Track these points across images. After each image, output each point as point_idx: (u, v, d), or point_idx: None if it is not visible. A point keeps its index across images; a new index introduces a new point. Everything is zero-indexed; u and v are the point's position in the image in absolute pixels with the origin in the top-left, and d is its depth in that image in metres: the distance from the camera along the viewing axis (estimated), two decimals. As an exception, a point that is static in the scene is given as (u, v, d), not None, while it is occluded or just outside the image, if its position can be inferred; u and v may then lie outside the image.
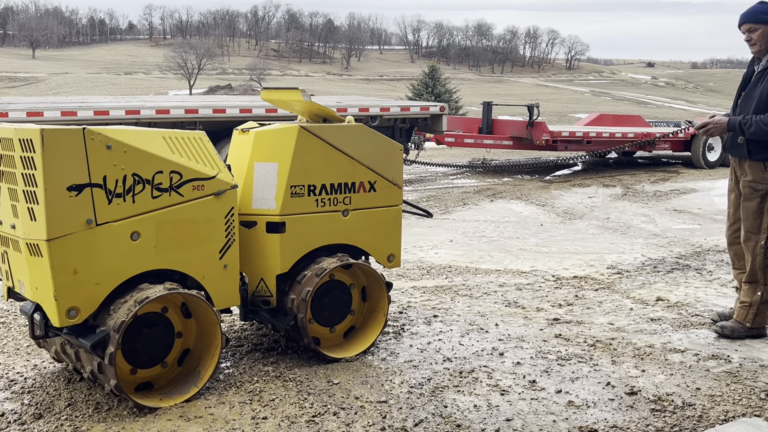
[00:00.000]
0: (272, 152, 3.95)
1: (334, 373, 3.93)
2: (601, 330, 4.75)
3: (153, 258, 3.44)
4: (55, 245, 3.14)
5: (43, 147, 3.06)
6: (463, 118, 16.50)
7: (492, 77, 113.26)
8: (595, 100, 71.68)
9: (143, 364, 3.53)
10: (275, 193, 3.92)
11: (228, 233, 3.70)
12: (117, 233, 3.30)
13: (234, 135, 4.21)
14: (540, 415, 3.46)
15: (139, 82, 76.28)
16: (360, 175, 4.19)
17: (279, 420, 3.36)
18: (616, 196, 11.14)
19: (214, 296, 3.70)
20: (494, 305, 5.31)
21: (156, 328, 3.52)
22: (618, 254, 7.10)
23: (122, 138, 3.29)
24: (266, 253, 3.96)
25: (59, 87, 65.16)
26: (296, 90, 4.07)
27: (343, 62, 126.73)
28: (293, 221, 3.97)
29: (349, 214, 4.18)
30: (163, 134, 3.48)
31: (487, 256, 7.02)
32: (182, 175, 3.48)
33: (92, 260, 3.24)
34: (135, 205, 3.35)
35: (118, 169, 3.28)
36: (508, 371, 4.00)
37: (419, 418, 3.40)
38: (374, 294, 4.35)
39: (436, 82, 30.65)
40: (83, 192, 3.19)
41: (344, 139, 4.10)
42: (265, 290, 4.01)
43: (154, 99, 13.37)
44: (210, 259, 3.65)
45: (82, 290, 3.23)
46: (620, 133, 14.40)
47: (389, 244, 4.42)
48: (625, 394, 3.71)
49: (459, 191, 11.53)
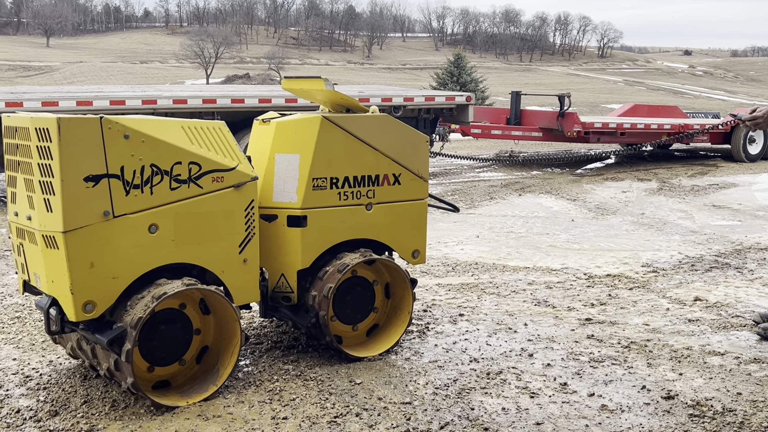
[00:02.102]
0: (294, 143, 3.94)
1: (356, 372, 3.94)
2: (636, 331, 4.71)
3: (171, 252, 3.46)
4: (72, 237, 3.16)
5: (60, 136, 3.08)
6: (490, 108, 16.43)
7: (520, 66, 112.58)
8: (629, 89, 70.95)
9: (161, 361, 3.56)
10: (296, 185, 3.92)
11: (248, 227, 3.71)
12: (135, 226, 3.32)
13: (254, 125, 4.21)
14: (572, 419, 3.44)
15: (154, 71, 76.94)
16: (384, 167, 4.17)
17: (300, 420, 3.37)
18: (652, 191, 11.02)
19: (234, 292, 3.71)
20: (523, 304, 5.28)
21: (174, 324, 3.54)
22: (653, 252, 7.02)
23: (140, 127, 3.31)
24: (287, 247, 3.97)
25: (74, 76, 65.95)
26: (319, 79, 4.06)
27: (365, 50, 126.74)
28: (315, 215, 3.97)
29: (373, 208, 4.17)
30: (182, 124, 3.50)
31: (516, 252, 6.99)
32: (201, 166, 3.49)
33: (109, 253, 3.26)
34: (153, 197, 3.36)
35: (136, 159, 3.29)
36: (538, 373, 3.98)
37: (445, 421, 3.39)
38: (398, 291, 4.35)
39: (462, 71, 30.55)
40: (100, 183, 3.21)
41: (368, 129, 4.08)
42: (286, 286, 4.02)
43: (171, 88, 13.49)
44: (229, 254, 3.67)
45: (98, 284, 3.26)
46: (656, 124, 14.24)
47: (414, 240, 4.40)
48: (661, 399, 3.67)
49: (485, 185, 11.48)
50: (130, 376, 3.28)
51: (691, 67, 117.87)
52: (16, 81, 60.66)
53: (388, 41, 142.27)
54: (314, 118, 3.93)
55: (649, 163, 14.70)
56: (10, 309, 5.07)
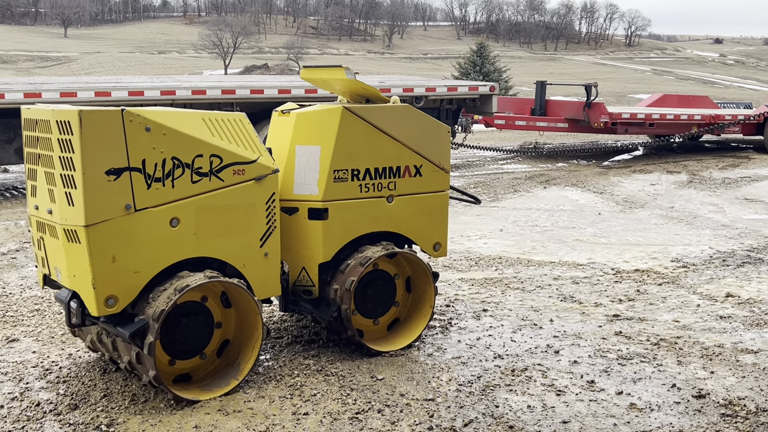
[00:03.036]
0: (314, 135, 3.95)
1: (378, 368, 3.94)
2: (666, 328, 4.66)
3: (193, 245, 3.48)
4: (94, 231, 3.19)
5: (81, 129, 3.10)
6: (514, 98, 16.33)
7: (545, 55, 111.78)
8: (657, 79, 70.21)
9: (182, 355, 3.60)
10: (318, 177, 3.93)
11: (269, 220, 3.73)
12: (156, 219, 3.34)
13: (273, 117, 4.22)
14: (599, 417, 3.42)
15: (172, 61, 77.44)
16: (405, 158, 4.17)
17: (321, 416, 3.38)
18: (681, 184, 10.90)
19: (255, 285, 3.73)
20: (548, 300, 5.25)
21: (195, 317, 3.57)
22: (683, 246, 6.95)
23: (161, 120, 3.33)
24: (308, 240, 3.98)
25: (91, 66, 66.57)
26: (339, 68, 4.05)
27: (385, 40, 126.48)
28: (336, 207, 3.97)
29: (394, 200, 4.17)
30: (203, 116, 3.51)
31: (541, 246, 6.95)
32: (222, 158, 3.51)
33: (131, 247, 3.29)
34: (174, 190, 3.38)
35: (158, 152, 3.31)
36: (565, 370, 3.96)
37: (469, 418, 3.38)
38: (420, 285, 4.34)
39: (485, 60, 30.37)
40: (122, 176, 3.23)
41: (389, 120, 4.08)
42: (307, 280, 4.03)
43: (189, 79, 13.56)
44: (250, 247, 3.69)
45: (120, 278, 3.29)
46: (686, 115, 14.08)
47: (435, 232, 4.40)
48: (692, 397, 3.63)
49: (509, 177, 11.42)
50: (152, 369, 3.31)
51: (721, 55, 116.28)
52: (34, 72, 61.34)
53: (409, 30, 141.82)
54: (335, 109, 3.93)
55: (678, 154, 14.54)
56: (29, 302, 5.13)
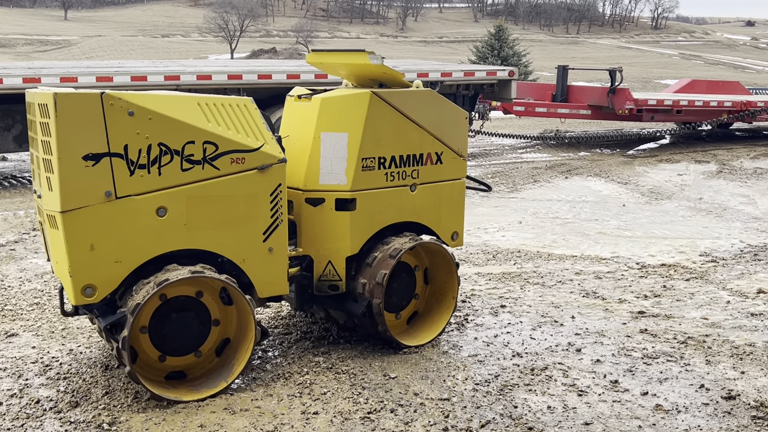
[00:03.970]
0: (341, 121, 3.89)
1: (390, 366, 3.94)
2: (694, 325, 4.63)
3: (183, 237, 3.43)
4: (70, 217, 3.16)
5: (57, 112, 3.08)
6: (534, 84, 16.25)
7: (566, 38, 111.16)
8: (685, 64, 69.67)
9: (173, 351, 3.56)
10: (345, 166, 3.88)
11: (274, 213, 3.66)
12: (140, 208, 3.31)
13: (288, 102, 4.16)
14: (623, 419, 3.40)
15: (176, 45, 77.61)
16: (427, 145, 4.17)
17: (331, 416, 3.39)
18: (710, 174, 10.83)
19: (258, 283, 3.67)
20: (570, 295, 5.23)
21: (187, 313, 3.53)
22: (712, 240, 6.91)
23: (146, 104, 3.27)
24: (335, 233, 3.94)
25: (92, 51, 66.85)
26: (363, 52, 3.98)
27: (399, 22, 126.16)
28: (364, 197, 3.95)
29: (417, 188, 4.17)
30: (199, 100, 3.44)
31: (562, 240, 6.92)
32: (218, 146, 3.44)
33: (111, 236, 3.26)
34: (161, 178, 3.34)
35: (142, 137, 3.27)
36: (587, 369, 3.94)
37: (486, 419, 3.38)
38: (440, 275, 4.35)
39: (503, 43, 30.25)
40: (101, 162, 3.20)
41: (413, 105, 4.07)
42: (333, 274, 4.00)
43: (194, 63, 13.56)
44: (251, 241, 3.62)
45: (99, 267, 3.26)
46: (715, 101, 13.98)
47: (454, 221, 4.42)
48: (721, 399, 3.61)
49: (529, 167, 11.38)
50: (128, 364, 3.28)
51: (753, 39, 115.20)
52: (33, 56, 61.68)
53: (423, 12, 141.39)
54: (363, 94, 3.89)
55: (707, 143, 14.44)
56: (28, 295, 5.17)
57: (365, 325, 4.09)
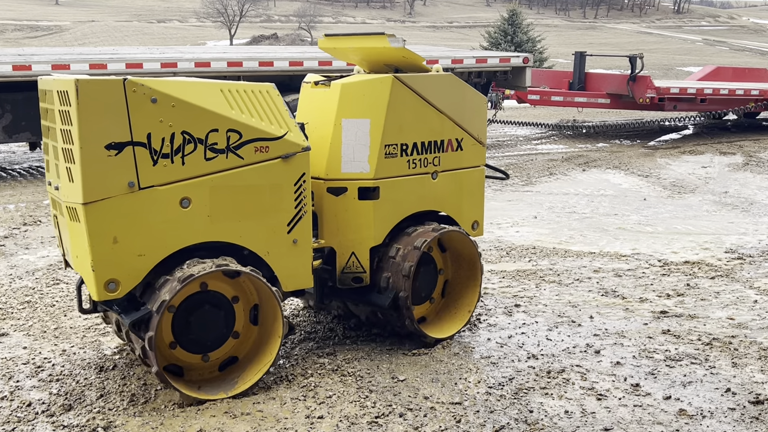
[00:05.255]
0: (363, 107, 3.94)
1: (399, 368, 3.94)
2: (719, 326, 4.62)
3: (206, 228, 3.46)
4: (92, 209, 3.18)
5: (78, 99, 3.09)
6: (550, 71, 16.22)
7: (584, 23, 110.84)
8: (709, 50, 69.40)
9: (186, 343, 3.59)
10: (368, 153, 3.93)
11: (298, 203, 3.69)
12: (163, 199, 3.33)
13: (304, 89, 4.20)
14: (645, 425, 3.39)
15: (173, 31, 77.69)
16: (448, 131, 4.23)
17: (337, 420, 3.39)
18: (736, 166, 10.79)
19: (282, 276, 3.71)
20: (588, 294, 5.23)
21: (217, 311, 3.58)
22: (739, 236, 6.89)
23: (170, 90, 3.29)
24: (358, 223, 3.98)
25: (85, 37, 66.97)
26: (382, 35, 4.01)
27: (406, 6, 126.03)
28: (387, 186, 3.99)
29: (438, 176, 4.22)
30: (222, 87, 3.47)
31: (579, 235, 6.91)
32: (242, 134, 3.47)
33: (135, 228, 3.28)
34: (185, 168, 3.36)
35: (165, 125, 3.29)
36: (606, 372, 3.93)
37: (500, 424, 3.37)
38: (464, 264, 4.40)
39: (517, 29, 30.15)
40: (124, 151, 3.22)
41: (434, 90, 4.13)
42: (357, 266, 4.03)
43: (192, 50, 13.57)
44: (276, 233, 3.66)
45: (123, 261, 3.28)
46: (742, 89, 13.93)
47: (474, 210, 4.49)
48: (748, 403, 3.59)
49: (544, 158, 11.36)
50: (155, 364, 3.32)
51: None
52: (24, 42, 61.80)
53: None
54: (385, 78, 3.94)
55: (732, 134, 14.39)
56: (19, 293, 5.19)
57: (390, 319, 4.14)
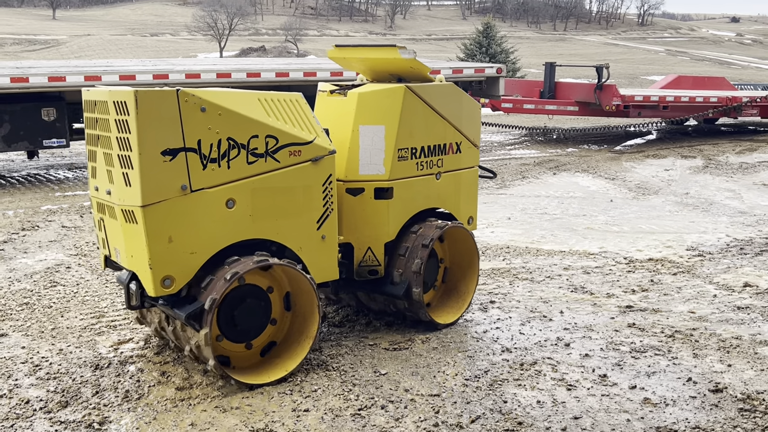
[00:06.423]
0: (378, 114, 4.09)
1: (381, 362, 3.94)
2: (681, 319, 4.65)
3: (249, 227, 3.60)
4: (150, 212, 3.29)
5: (137, 109, 3.19)
6: (522, 80, 16.27)
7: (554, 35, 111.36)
8: (672, 60, 69.96)
9: (232, 335, 3.68)
10: (383, 157, 4.09)
11: (326, 202, 3.84)
12: (212, 200, 3.45)
13: (320, 97, 4.34)
14: (612, 413, 3.41)
15: (165, 44, 77.28)
16: (450, 135, 4.42)
17: (322, 413, 3.38)
18: (697, 169, 10.87)
19: (313, 269, 3.86)
20: (558, 290, 5.24)
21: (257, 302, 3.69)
22: (699, 234, 6.93)
23: (217, 100, 3.42)
24: (374, 220, 4.15)
25: (81, 50, 66.46)
26: (393, 47, 4.20)
27: (387, 20, 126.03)
28: (399, 186, 4.18)
29: (441, 177, 4.41)
30: (259, 96, 3.62)
31: (550, 235, 6.93)
32: (278, 139, 3.61)
33: (187, 228, 3.39)
34: (230, 171, 3.48)
35: (213, 132, 3.41)
36: (576, 364, 3.95)
37: (476, 414, 3.38)
38: (463, 254, 4.57)
39: (491, 41, 30.22)
40: (178, 156, 3.32)
41: (439, 98, 4.31)
42: (373, 259, 4.21)
43: (183, 62, 13.49)
44: (307, 230, 3.81)
45: (177, 259, 3.39)
46: (701, 97, 14.03)
47: (469, 206, 4.70)
48: (708, 392, 3.62)
49: (517, 163, 11.40)
50: (212, 358, 3.43)
51: (738, 35, 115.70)
52: (22, 55, 61.20)
53: (412, 10, 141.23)
54: (398, 88, 4.10)
55: (693, 138, 14.50)
56: (18, 295, 5.13)
57: (402, 308, 4.33)
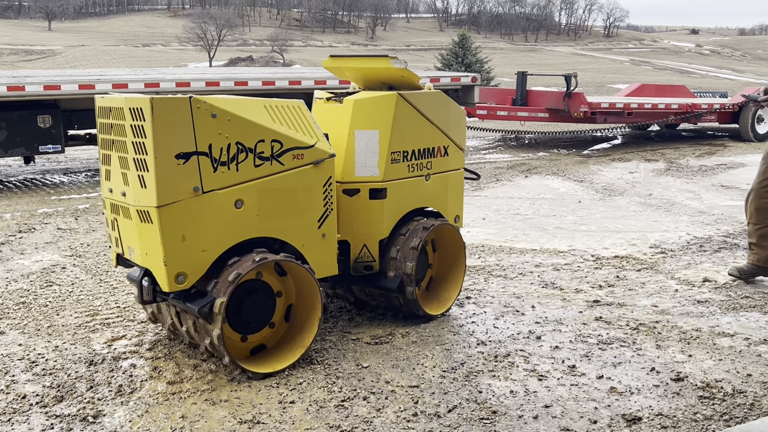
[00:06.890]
0: (373, 120, 4.14)
1: (363, 356, 3.93)
2: (645, 312, 4.68)
3: (256, 226, 3.63)
4: (165, 212, 3.31)
5: (153, 115, 3.22)
6: (496, 89, 16.32)
7: (525, 46, 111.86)
8: (636, 69, 70.53)
9: (251, 330, 3.74)
10: (378, 160, 4.15)
11: (326, 202, 3.89)
12: (222, 201, 3.48)
13: (317, 104, 4.38)
14: (580, 401, 3.42)
15: (157, 54, 76.73)
16: (438, 140, 4.48)
17: (307, 404, 3.37)
18: (659, 171, 10.96)
19: (314, 265, 3.88)
20: (530, 286, 5.26)
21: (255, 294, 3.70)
22: (661, 233, 6.99)
23: (226, 107, 3.45)
24: (369, 219, 4.20)
25: (76, 60, 65.83)
26: (385, 57, 4.26)
27: (368, 32, 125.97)
28: (392, 187, 4.23)
29: (430, 178, 4.47)
30: (264, 103, 3.65)
31: (522, 234, 6.96)
32: (283, 143, 3.65)
33: (199, 227, 3.42)
34: (239, 174, 3.51)
35: (223, 137, 3.44)
36: (546, 356, 3.97)
37: (453, 404, 3.38)
38: (451, 250, 4.64)
39: (467, 51, 30.30)
40: (190, 160, 3.35)
41: (427, 105, 4.37)
42: (368, 256, 4.27)
43: (173, 71, 13.39)
44: (309, 228, 3.84)
45: (189, 256, 3.42)
46: (663, 104, 14.14)
47: (456, 206, 4.78)
48: (671, 381, 3.65)
49: (491, 166, 11.43)
50: (226, 355, 3.48)
51: (698, 46, 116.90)
52: (18, 65, 60.49)
53: (392, 22, 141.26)
54: (390, 96, 4.16)
55: (656, 143, 14.62)
56: (15, 294, 5.07)
57: (395, 302, 4.38)
